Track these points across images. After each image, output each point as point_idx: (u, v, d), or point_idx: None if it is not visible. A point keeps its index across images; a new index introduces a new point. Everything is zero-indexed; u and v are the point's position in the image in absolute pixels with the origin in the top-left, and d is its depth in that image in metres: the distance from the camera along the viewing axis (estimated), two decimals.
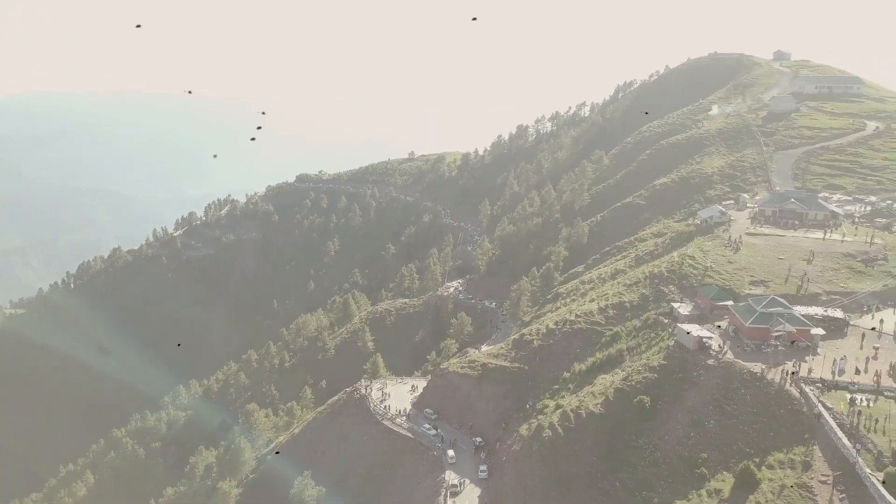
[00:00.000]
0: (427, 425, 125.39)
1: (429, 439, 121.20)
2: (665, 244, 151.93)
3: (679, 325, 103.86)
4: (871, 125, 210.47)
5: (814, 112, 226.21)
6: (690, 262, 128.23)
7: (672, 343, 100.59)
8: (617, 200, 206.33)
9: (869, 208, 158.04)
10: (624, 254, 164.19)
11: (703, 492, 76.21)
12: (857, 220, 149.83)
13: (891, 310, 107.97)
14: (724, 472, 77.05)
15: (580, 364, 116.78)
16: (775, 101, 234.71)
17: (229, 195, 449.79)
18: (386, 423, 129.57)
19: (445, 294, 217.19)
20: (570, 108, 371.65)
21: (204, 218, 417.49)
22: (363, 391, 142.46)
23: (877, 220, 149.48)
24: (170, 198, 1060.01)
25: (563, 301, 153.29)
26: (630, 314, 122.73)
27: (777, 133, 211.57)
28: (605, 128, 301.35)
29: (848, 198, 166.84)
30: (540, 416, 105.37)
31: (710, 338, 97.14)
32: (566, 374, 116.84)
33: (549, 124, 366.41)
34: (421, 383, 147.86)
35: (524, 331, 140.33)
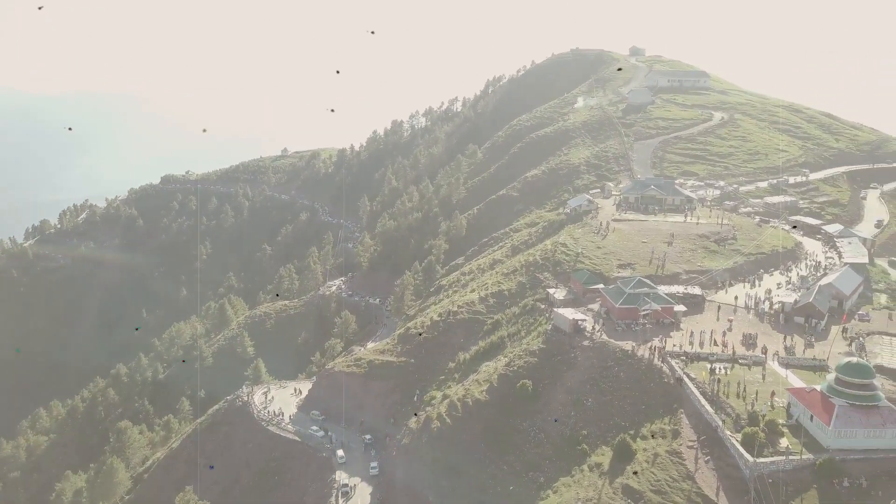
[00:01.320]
0: (315, 427, 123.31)
1: (317, 441, 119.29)
2: (538, 233, 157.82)
3: (555, 309, 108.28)
4: (718, 115, 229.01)
5: (667, 104, 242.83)
6: (563, 249, 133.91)
7: (550, 327, 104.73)
8: (492, 193, 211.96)
9: (718, 192, 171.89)
10: (501, 244, 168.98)
11: (585, 466, 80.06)
12: (709, 203, 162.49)
13: (740, 285, 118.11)
14: (604, 447, 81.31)
15: (465, 353, 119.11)
16: (633, 95, 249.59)
17: (87, 200, 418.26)
18: (271, 428, 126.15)
19: (327, 293, 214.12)
20: (442, 103, 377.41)
21: (59, 226, 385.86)
22: (245, 398, 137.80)
23: (726, 202, 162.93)
24: (15, 206, 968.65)
25: (445, 293, 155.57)
26: (509, 302, 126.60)
27: (636, 124, 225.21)
28: (477, 122, 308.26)
29: (700, 183, 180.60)
30: (428, 408, 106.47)
31: (585, 320, 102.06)
32: (452, 365, 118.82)
33: (423, 119, 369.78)
34: (306, 385, 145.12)
35: (409, 325, 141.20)
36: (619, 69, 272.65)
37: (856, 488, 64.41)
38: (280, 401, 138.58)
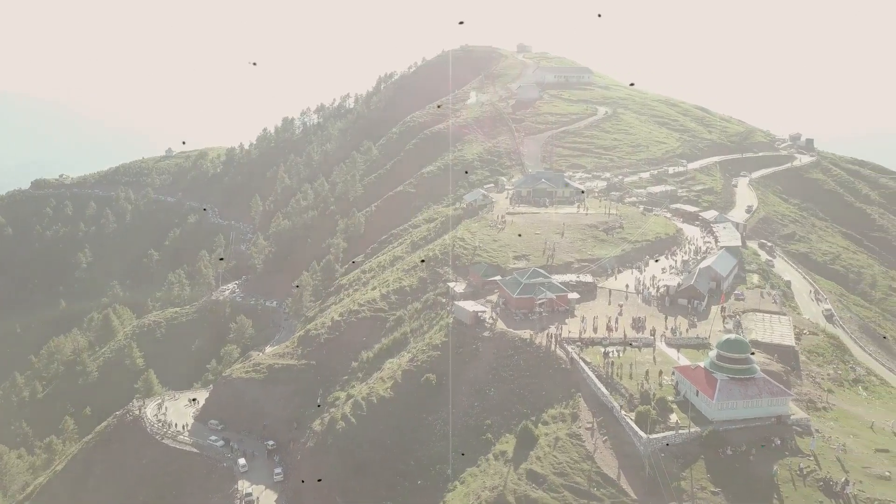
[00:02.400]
0: (214, 437, 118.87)
1: (217, 451, 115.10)
2: (437, 228, 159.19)
3: (456, 302, 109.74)
4: (602, 110, 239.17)
5: (554, 99, 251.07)
6: (461, 243, 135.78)
7: (451, 321, 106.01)
8: (389, 189, 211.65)
9: (605, 184, 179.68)
10: (400, 240, 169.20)
11: (491, 455, 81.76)
12: (596, 194, 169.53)
13: (629, 271, 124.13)
14: (507, 435, 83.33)
15: (368, 352, 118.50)
16: (522, 90, 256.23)
17: None
18: (167, 441, 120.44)
19: (221, 298, 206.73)
20: (335, 99, 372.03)
21: None
22: (137, 412, 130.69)
23: (612, 193, 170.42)
24: None
25: (346, 292, 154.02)
26: (411, 297, 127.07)
27: (526, 119, 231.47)
28: (371, 118, 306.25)
29: (588, 175, 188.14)
30: (332, 409, 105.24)
31: (485, 311, 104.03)
32: (355, 364, 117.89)
33: (315, 116, 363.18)
34: (203, 395, 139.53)
35: (309, 326, 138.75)
36: (517, 61, 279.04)
37: (738, 455, 69.38)
38: (175, 412, 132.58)
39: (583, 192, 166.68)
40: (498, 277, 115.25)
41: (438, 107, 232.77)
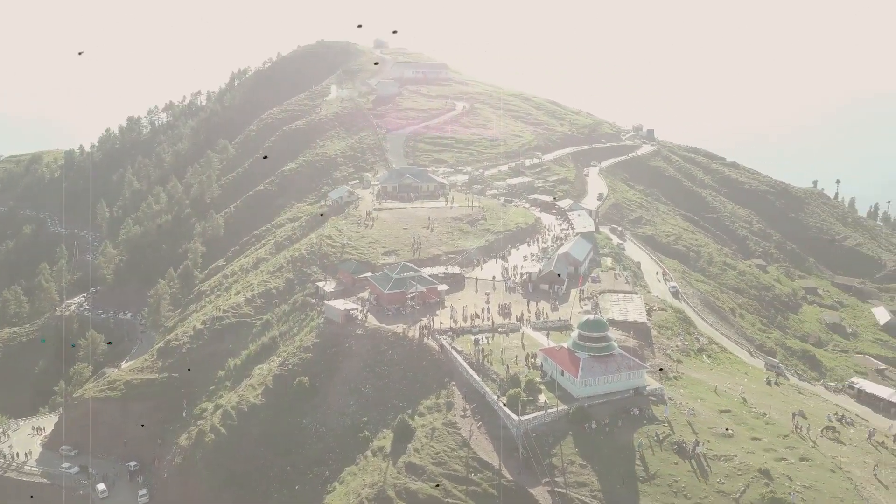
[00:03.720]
0: (67, 464, 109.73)
1: (71, 479, 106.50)
2: (302, 227, 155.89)
3: (326, 302, 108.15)
4: (460, 105, 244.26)
5: (414, 95, 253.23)
6: (328, 241, 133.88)
7: (322, 321, 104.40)
8: (248, 189, 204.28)
9: (467, 177, 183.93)
10: (263, 242, 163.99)
11: (369, 452, 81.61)
12: (459, 188, 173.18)
13: (493, 260, 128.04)
14: (385, 430, 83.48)
15: (235, 359, 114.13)
16: (381, 86, 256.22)
17: None
18: (11, 474, 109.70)
19: (67, 313, 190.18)
20: (185, 97, 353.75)
21: None
22: None
23: (474, 186, 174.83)
24: None
25: (207, 299, 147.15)
26: (278, 300, 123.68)
27: (387, 115, 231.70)
28: (225, 116, 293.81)
29: (450, 169, 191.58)
30: (200, 422, 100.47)
31: (356, 309, 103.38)
32: (222, 373, 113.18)
33: (164, 115, 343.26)
34: (51, 420, 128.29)
35: (169, 337, 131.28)
36: (376, 63, 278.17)
37: (602, 428, 73.81)
38: (19, 442, 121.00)
39: (446, 185, 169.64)
40: (368, 274, 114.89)
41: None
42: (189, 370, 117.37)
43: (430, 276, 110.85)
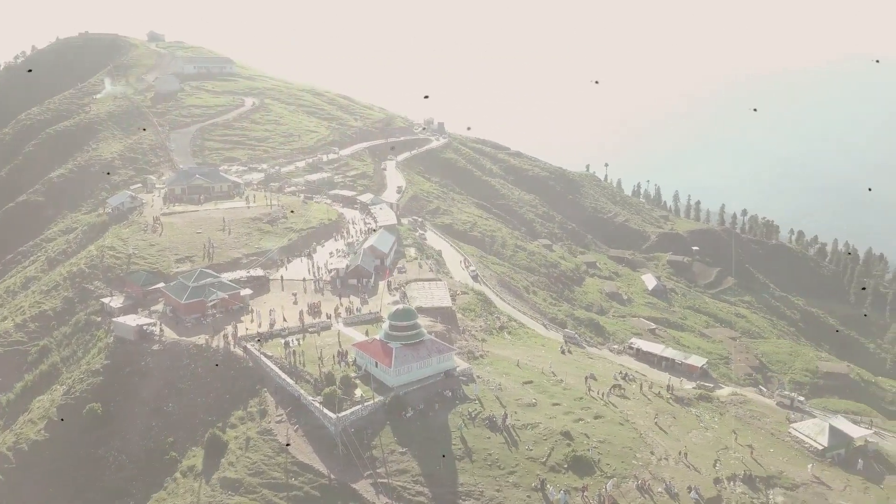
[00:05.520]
0: None
1: None
2: (79, 239, 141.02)
3: (114, 319, 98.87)
4: (249, 101, 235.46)
5: (198, 91, 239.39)
6: (111, 252, 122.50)
7: (112, 339, 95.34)
8: (9, 201, 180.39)
9: (263, 175, 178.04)
10: (32, 258, 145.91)
11: (178, 474, 76.24)
12: (256, 186, 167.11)
13: (298, 259, 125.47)
14: (194, 448, 78.49)
15: (7, 394, 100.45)
16: (160, 82, 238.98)
17: None
18: None
19: None
20: None
21: None
22: None
23: (271, 184, 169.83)
24: None
25: None
26: (56, 322, 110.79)
27: (169, 113, 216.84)
28: None
29: (244, 168, 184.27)
30: None
31: (152, 323, 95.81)
32: None
33: None
34: None
35: None
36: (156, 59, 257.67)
37: (418, 414, 75.79)
38: None
39: (241, 185, 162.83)
40: (161, 284, 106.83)
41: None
42: None
43: (231, 281, 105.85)
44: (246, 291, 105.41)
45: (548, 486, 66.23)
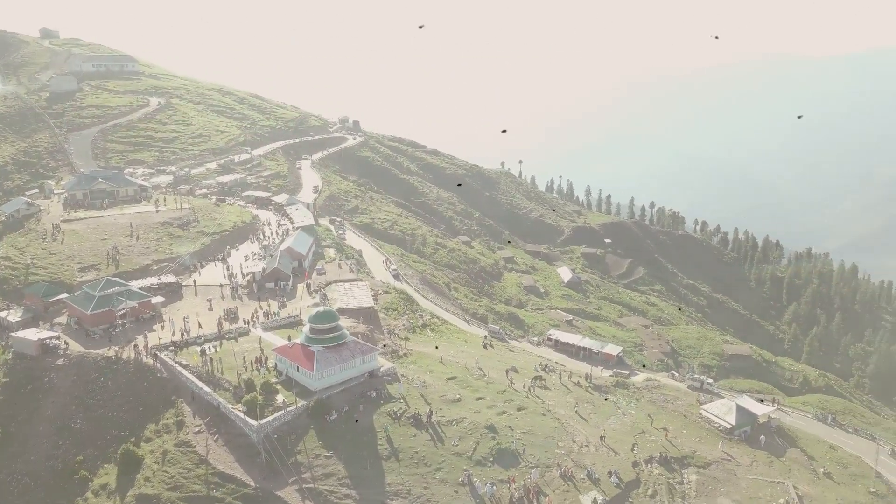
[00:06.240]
0: None
1: None
2: None
3: (13, 334, 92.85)
4: (155, 101, 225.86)
5: (98, 91, 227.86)
6: (6, 263, 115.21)
7: (10, 356, 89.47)
8: None
9: (172, 178, 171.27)
10: None
11: (90, 494, 72.49)
12: (164, 189, 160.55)
13: (212, 264, 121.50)
14: (107, 465, 74.82)
15: None
16: (55, 81, 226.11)
17: None
18: None
19: None
20: None
21: None
22: None
23: (181, 187, 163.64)
24: None
25: None
26: None
27: (66, 114, 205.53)
28: None
29: (151, 170, 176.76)
30: None
31: (55, 336, 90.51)
32: None
33: None
34: None
35: None
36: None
37: (343, 416, 74.92)
38: None
39: (149, 188, 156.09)
40: (64, 295, 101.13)
41: None
42: None
43: (141, 289, 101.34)
44: (157, 299, 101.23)
45: (474, 479, 66.97)
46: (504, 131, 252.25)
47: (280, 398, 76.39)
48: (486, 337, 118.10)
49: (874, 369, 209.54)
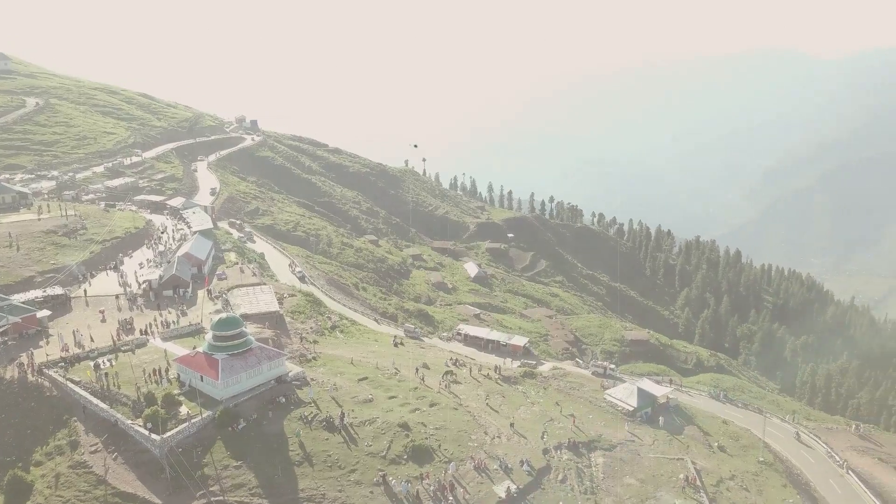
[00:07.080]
0: None
1: None
2: None
3: None
4: (31, 101, 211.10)
5: None
6: None
7: None
8: None
9: (55, 183, 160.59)
10: None
11: None
12: (46, 196, 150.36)
13: (104, 273, 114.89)
14: None
15: None
16: None
17: None
18: None
19: None
20: None
21: None
22: None
23: (65, 193, 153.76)
24: None
25: None
26: None
27: None
28: None
29: (31, 176, 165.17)
30: None
31: None
32: None
33: None
34: None
35: None
36: None
37: (251, 424, 72.79)
38: None
39: (29, 194, 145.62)
40: None
41: None
42: None
43: (24, 302, 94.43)
44: (43, 313, 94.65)
45: (390, 479, 66.80)
46: (415, 146, 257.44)
47: (184, 410, 73.30)
48: (395, 336, 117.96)
49: (758, 347, 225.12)
